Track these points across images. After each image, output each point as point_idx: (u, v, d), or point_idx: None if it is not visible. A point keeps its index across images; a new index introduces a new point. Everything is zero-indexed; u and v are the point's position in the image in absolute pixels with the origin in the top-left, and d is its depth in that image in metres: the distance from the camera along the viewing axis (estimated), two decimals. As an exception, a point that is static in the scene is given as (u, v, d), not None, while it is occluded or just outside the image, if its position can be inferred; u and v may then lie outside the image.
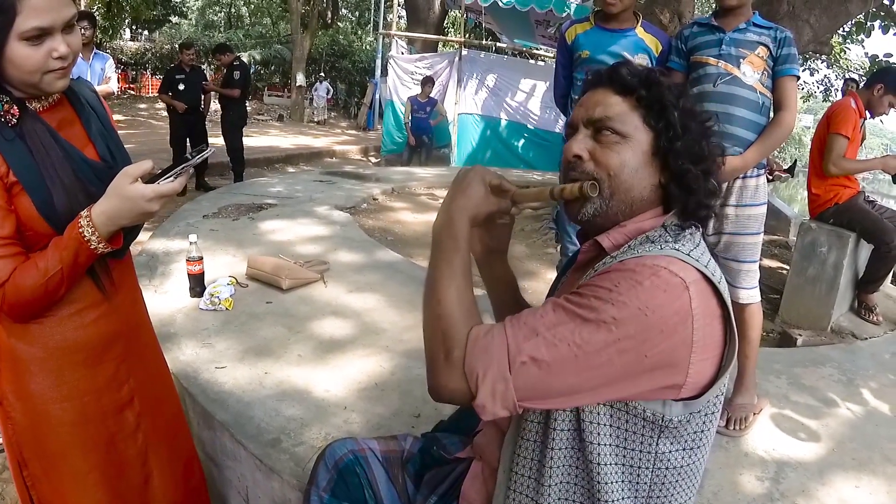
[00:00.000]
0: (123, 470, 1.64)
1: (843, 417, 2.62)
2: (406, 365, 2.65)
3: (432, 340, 1.05)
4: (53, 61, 1.27)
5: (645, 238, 1.09)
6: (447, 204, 1.13)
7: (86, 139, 1.46)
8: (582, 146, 1.15)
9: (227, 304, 3.11)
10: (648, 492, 1.08)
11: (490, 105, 12.32)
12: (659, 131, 1.12)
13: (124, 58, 23.40)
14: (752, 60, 2.38)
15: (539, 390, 0.98)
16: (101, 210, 1.30)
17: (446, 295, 1.05)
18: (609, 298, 0.96)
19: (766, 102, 2.42)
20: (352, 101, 23.78)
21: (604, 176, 1.12)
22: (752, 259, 2.50)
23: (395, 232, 5.53)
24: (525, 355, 0.96)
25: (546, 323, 0.98)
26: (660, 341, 0.95)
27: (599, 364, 0.95)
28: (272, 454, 2.02)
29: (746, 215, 2.47)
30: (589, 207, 1.13)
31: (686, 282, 0.98)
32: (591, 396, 1.00)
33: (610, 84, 1.17)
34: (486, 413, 0.99)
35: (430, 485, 1.41)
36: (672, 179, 1.12)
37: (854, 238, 3.90)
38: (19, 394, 1.48)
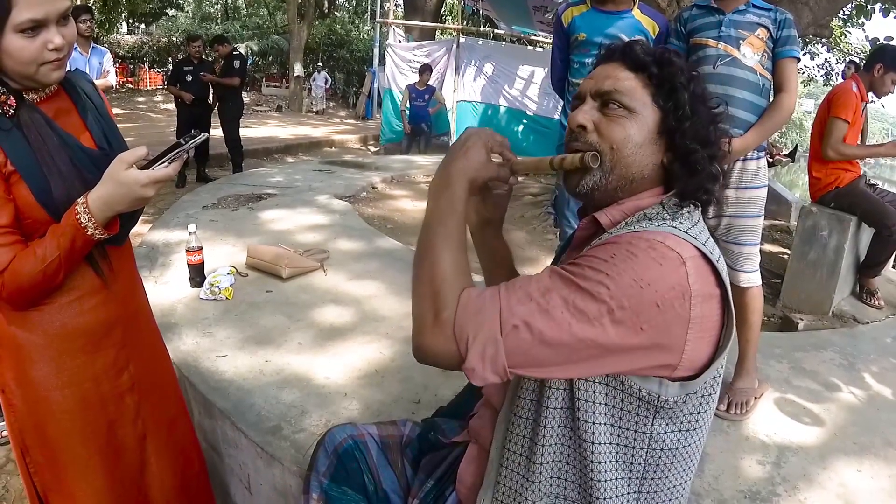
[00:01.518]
0: (123, 456, 1.65)
1: (845, 402, 2.61)
2: (406, 352, 2.64)
3: (421, 300, 1.01)
4: (48, 53, 1.28)
5: (642, 215, 1.08)
6: (446, 164, 1.11)
7: (82, 128, 1.47)
8: (587, 116, 1.13)
9: (227, 293, 3.11)
10: (643, 472, 1.08)
11: (489, 92, 12.29)
12: (667, 111, 1.11)
13: (122, 51, 23.32)
14: (751, 42, 2.36)
15: (531, 356, 0.95)
16: (96, 196, 1.31)
17: (439, 256, 1.02)
18: (603, 269, 0.95)
19: (766, 84, 2.41)
20: (350, 91, 23.73)
21: (606, 148, 1.10)
22: (753, 242, 2.49)
23: (395, 220, 5.53)
24: (518, 319, 0.94)
25: (540, 288, 0.97)
26: (655, 315, 0.94)
27: (593, 334, 0.93)
28: (273, 441, 2.02)
29: (747, 198, 2.45)
30: (588, 180, 1.12)
31: (683, 256, 0.97)
32: (584, 368, 0.98)
33: (622, 59, 1.15)
34: (476, 377, 0.96)
35: (427, 469, 1.41)
36: (676, 159, 1.11)
37: (855, 222, 3.88)
38: (20, 381, 1.50)
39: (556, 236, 5.23)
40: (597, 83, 1.15)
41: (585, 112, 1.14)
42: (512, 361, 0.95)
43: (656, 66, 1.12)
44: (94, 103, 1.52)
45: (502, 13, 14.22)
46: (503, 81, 12.21)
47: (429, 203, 1.09)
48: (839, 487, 2.06)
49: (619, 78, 1.13)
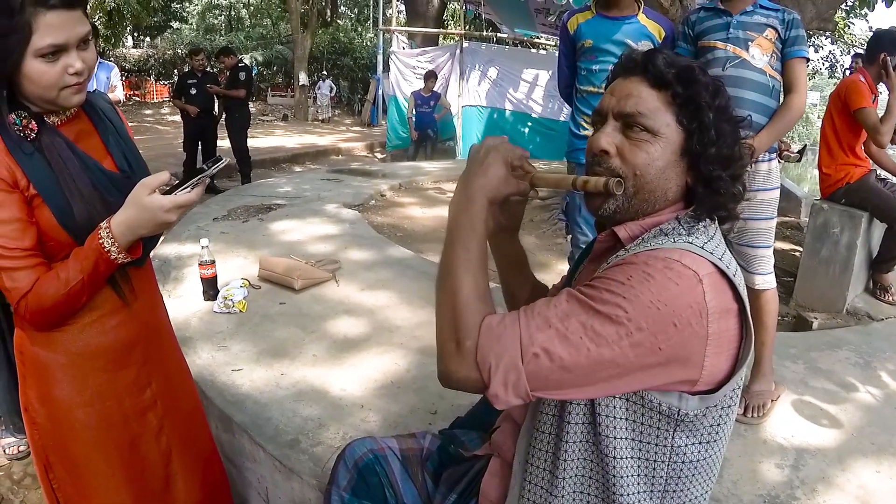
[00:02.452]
0: (146, 472, 1.66)
1: (862, 401, 2.60)
2: (421, 362, 2.66)
3: (444, 328, 1.03)
4: (69, 77, 1.30)
5: (659, 231, 1.07)
6: (466, 182, 1.11)
7: (103, 150, 1.49)
8: (610, 140, 1.11)
9: (240, 306, 3.12)
10: (664, 485, 1.08)
11: (493, 96, 12.32)
12: (691, 132, 1.09)
13: (128, 65, 23.45)
14: (760, 43, 2.35)
15: (552, 381, 0.96)
16: (120, 221, 1.32)
17: (461, 282, 1.03)
18: (621, 292, 0.95)
19: (775, 85, 2.40)
20: (355, 98, 23.76)
21: (629, 174, 1.09)
22: (766, 244, 2.47)
23: (405, 228, 5.54)
24: (537, 346, 0.95)
25: (559, 314, 0.97)
26: (673, 334, 0.94)
27: (612, 357, 0.94)
28: (291, 455, 2.03)
29: (759, 200, 2.43)
30: (611, 204, 1.11)
31: (699, 274, 0.97)
32: (605, 388, 0.99)
33: (644, 74, 1.12)
34: (500, 402, 0.98)
35: (449, 483, 1.41)
36: (700, 182, 1.10)
37: (867, 217, 3.87)
38: (44, 400, 1.51)
39: (567, 241, 5.23)
40: (619, 102, 1.12)
41: (608, 135, 1.12)
42: (533, 385, 0.97)
43: (681, 85, 1.09)
44: (113, 125, 1.53)
45: (504, 16, 14.23)
46: (508, 85, 12.23)
47: (450, 221, 1.10)
48: (858, 489, 2.05)
49: (642, 97, 1.10)
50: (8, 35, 1.21)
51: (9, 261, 1.30)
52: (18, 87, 1.30)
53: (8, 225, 1.30)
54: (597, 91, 2.75)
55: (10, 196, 1.30)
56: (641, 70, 1.12)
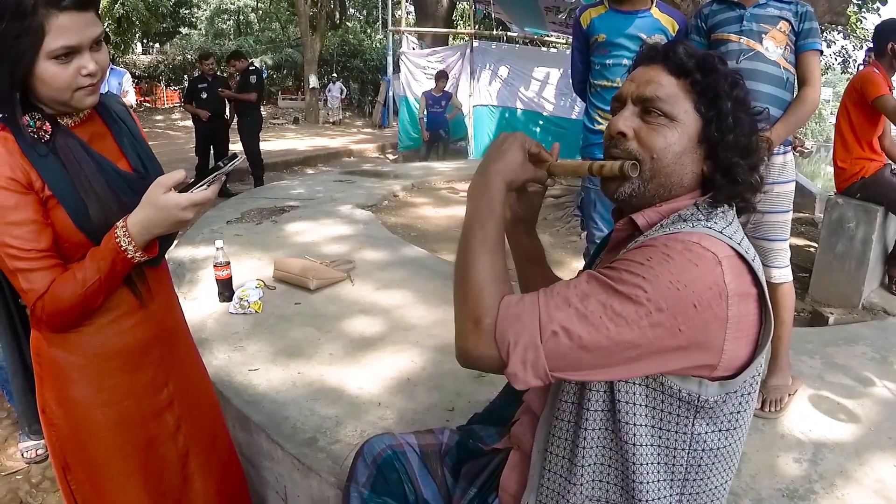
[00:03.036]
0: (164, 472, 1.67)
1: (879, 396, 2.58)
2: (437, 359, 2.67)
3: (462, 306, 1.03)
4: (82, 78, 1.30)
5: (677, 216, 1.08)
6: (484, 166, 1.12)
7: (118, 151, 1.49)
8: (628, 123, 1.12)
9: (256, 307, 3.14)
10: (685, 474, 1.08)
11: (504, 95, 12.30)
12: (709, 120, 1.10)
13: (137, 71, 23.58)
14: (774, 35, 2.34)
15: (571, 361, 0.96)
16: (136, 220, 1.33)
17: (479, 261, 1.03)
18: (640, 272, 0.95)
19: (789, 78, 2.39)
20: (365, 100, 23.81)
21: (646, 157, 1.10)
22: (782, 237, 2.47)
23: (418, 227, 5.55)
24: (556, 325, 0.95)
25: (578, 294, 0.97)
26: (693, 315, 0.94)
27: (631, 337, 0.94)
28: (309, 453, 2.04)
29: (775, 193, 2.42)
30: (627, 187, 1.11)
31: (718, 256, 0.97)
32: (624, 371, 0.99)
33: (664, 62, 1.14)
34: (519, 381, 0.98)
35: (468, 477, 1.41)
36: (718, 170, 1.10)
37: (882, 212, 3.83)
38: (61, 401, 1.52)
39: (581, 238, 5.22)
40: (638, 87, 1.14)
41: (626, 119, 1.13)
42: (552, 365, 0.96)
43: (700, 73, 1.10)
44: (127, 126, 1.54)
45: (514, 15, 14.21)
46: (519, 84, 12.20)
47: (468, 205, 1.10)
48: (876, 483, 2.04)
49: (662, 84, 1.12)
50: (20, 37, 1.22)
51: (25, 262, 1.31)
52: (32, 90, 1.30)
53: (23, 226, 1.30)
54: (611, 85, 2.75)
55: (26, 198, 1.31)
56: (662, 58, 1.15)
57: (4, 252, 1.30)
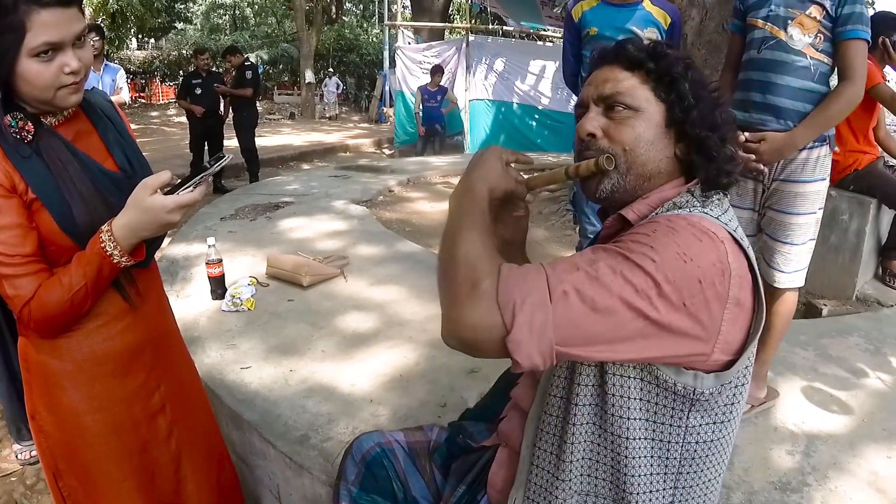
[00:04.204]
0: (157, 476, 1.64)
1: (872, 387, 2.59)
2: (430, 355, 2.66)
3: (454, 276, 0.95)
4: (65, 76, 1.26)
5: (672, 204, 1.08)
6: (466, 176, 1.12)
7: (104, 150, 1.46)
8: (595, 123, 1.14)
9: (248, 304, 3.14)
10: (678, 467, 1.08)
11: (500, 89, 12.29)
12: (671, 103, 1.12)
13: (132, 67, 23.51)
14: (801, 21, 2.11)
15: (581, 328, 0.90)
16: (121, 223, 1.30)
17: (467, 238, 0.98)
18: (648, 242, 0.94)
19: (821, 69, 2.14)
20: (362, 95, 23.77)
21: (619, 151, 1.11)
22: (792, 241, 2.25)
23: (413, 223, 5.54)
24: (567, 284, 0.90)
25: (586, 259, 0.95)
26: (697, 292, 0.93)
27: (641, 307, 0.91)
28: (301, 451, 2.04)
29: (793, 192, 2.22)
30: (607, 183, 1.12)
31: (719, 236, 0.98)
32: (629, 347, 0.94)
33: (616, 60, 1.16)
34: (521, 351, 0.89)
35: (458, 474, 1.41)
36: (691, 148, 1.12)
37: (875, 204, 3.84)
38: (51, 408, 1.49)
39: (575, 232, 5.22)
40: (597, 89, 1.16)
41: (592, 119, 1.14)
42: (560, 336, 0.90)
43: (652, 61, 1.13)
44: (113, 123, 1.50)
45: (510, 9, 14.20)
46: (514, 78, 12.21)
47: (451, 206, 1.09)
48: (870, 475, 2.04)
49: (618, 79, 1.14)
50: (1, 34, 1.18)
51: (10, 268, 1.27)
52: (13, 89, 1.26)
53: (7, 231, 1.27)
54: None
55: (9, 201, 1.27)
56: (613, 57, 1.17)
57: None
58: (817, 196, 2.24)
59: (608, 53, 1.18)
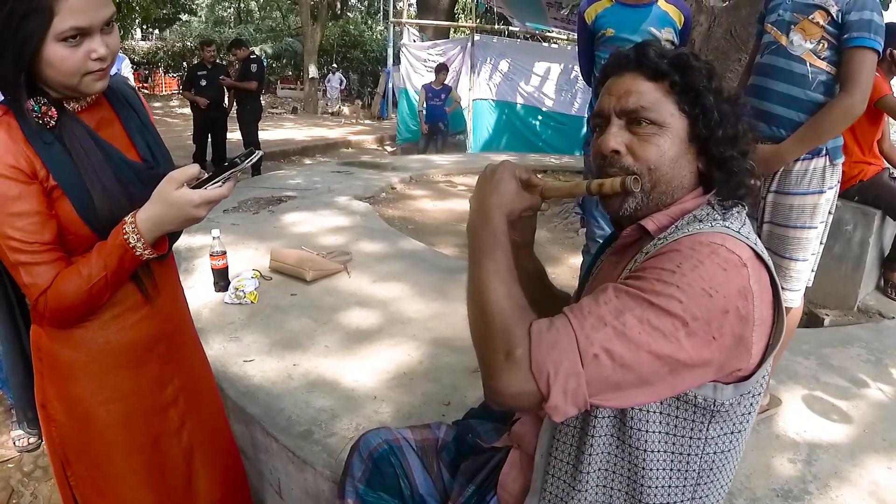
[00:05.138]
0: (167, 469, 1.62)
1: (873, 398, 2.59)
2: (433, 353, 2.66)
3: (487, 341, 0.96)
4: (92, 62, 1.23)
5: (692, 217, 1.07)
6: (480, 201, 1.09)
7: (126, 139, 1.43)
8: (619, 140, 1.10)
9: (251, 297, 3.13)
10: (697, 478, 1.07)
11: (505, 90, 12.28)
12: (695, 118, 1.09)
13: (136, 57, 23.50)
14: (804, 27, 2.06)
15: (612, 383, 0.92)
16: (146, 216, 1.27)
17: (495, 292, 0.98)
18: (673, 281, 0.93)
19: (820, 77, 2.07)
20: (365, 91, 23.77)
21: (644, 170, 1.08)
22: (795, 257, 2.20)
23: (416, 221, 5.54)
24: (597, 347, 0.90)
25: (612, 310, 0.93)
26: (724, 323, 0.93)
27: (670, 350, 0.91)
28: (304, 446, 2.03)
29: (788, 205, 2.18)
30: (630, 202, 1.10)
31: (742, 258, 0.96)
32: (662, 388, 0.95)
33: (638, 68, 1.12)
34: (559, 413, 0.92)
35: (467, 474, 1.40)
36: (713, 165, 1.10)
37: (880, 215, 3.84)
38: (63, 398, 1.47)
39: (579, 234, 5.21)
40: (619, 100, 1.12)
41: (615, 135, 1.11)
42: (592, 390, 0.92)
43: (678, 73, 1.09)
44: (136, 112, 1.47)
45: (516, 10, 14.16)
46: (519, 78, 12.19)
47: (470, 240, 1.08)
48: (871, 485, 2.04)
49: (642, 92, 1.10)
50: (28, 17, 1.15)
51: (28, 255, 1.25)
52: (38, 73, 1.23)
53: (27, 218, 1.24)
54: None
55: (29, 188, 1.24)
56: (635, 64, 1.13)
57: (6, 244, 1.24)
58: (816, 209, 2.17)
59: (629, 60, 1.14)
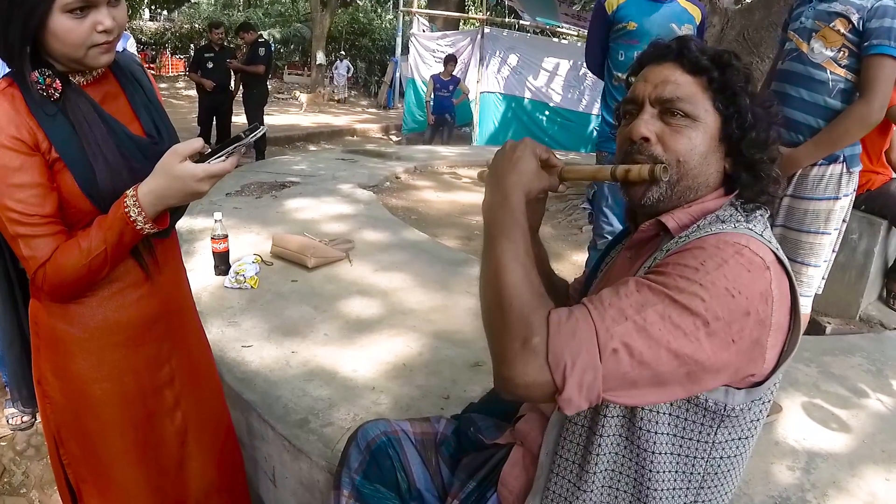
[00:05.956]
0: (161, 449, 1.62)
1: (873, 408, 2.57)
2: (434, 345, 2.65)
3: (502, 328, 0.92)
4: (98, 35, 1.22)
5: (715, 217, 1.05)
6: (498, 180, 1.07)
7: (130, 113, 1.42)
8: (650, 127, 1.09)
9: (252, 282, 3.11)
10: (701, 482, 1.06)
11: (512, 84, 12.25)
12: (728, 117, 1.07)
13: (144, 38, 23.39)
14: (825, 35, 2.06)
15: (627, 379, 0.89)
16: (148, 190, 1.26)
17: (513, 276, 0.95)
18: (696, 278, 0.91)
19: (840, 85, 2.08)
20: (371, 80, 23.69)
21: (672, 161, 1.07)
22: (807, 261, 2.21)
23: (420, 211, 5.52)
24: (617, 341, 0.88)
25: (633, 304, 0.90)
26: (745, 325, 0.91)
27: (690, 350, 0.89)
28: (300, 435, 2.02)
29: (802, 209, 2.19)
30: (654, 192, 1.08)
31: (766, 261, 0.95)
32: (678, 389, 0.93)
33: (678, 60, 1.10)
34: (572, 407, 0.89)
35: (468, 470, 1.39)
36: (741, 167, 1.08)
37: (886, 226, 3.82)
38: (59, 374, 1.46)
39: (582, 231, 5.20)
40: (656, 88, 1.10)
41: (648, 122, 1.09)
42: (607, 386, 0.89)
43: (717, 70, 1.08)
44: (143, 87, 1.46)
45: (526, 4, 14.12)
46: (527, 73, 12.16)
47: (487, 220, 1.05)
48: (868, 496, 2.03)
49: (680, 83, 1.08)
50: None
51: (27, 227, 1.24)
52: (43, 45, 1.22)
53: (27, 190, 1.23)
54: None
55: (31, 159, 1.24)
56: (676, 56, 1.11)
57: (6, 216, 1.23)
58: (830, 215, 2.19)
59: (670, 50, 1.12)
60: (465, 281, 3.31)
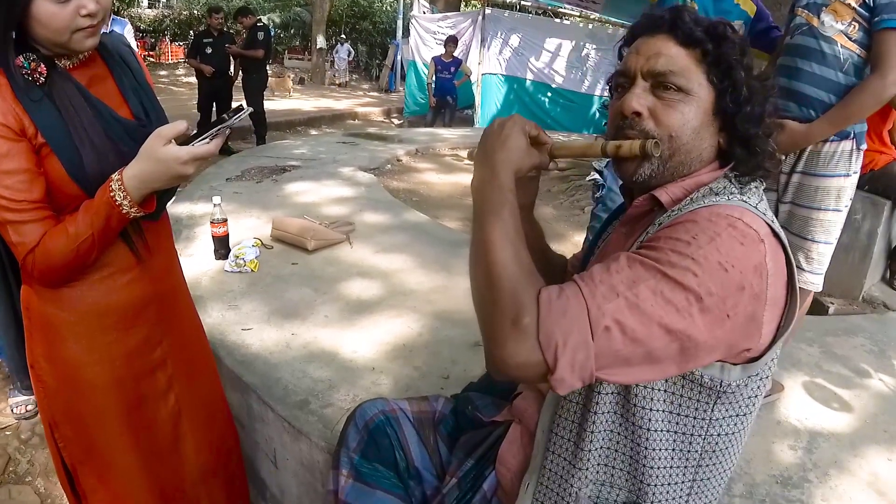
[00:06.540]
0: (155, 431, 1.62)
1: (875, 389, 2.57)
2: (434, 326, 2.64)
3: (493, 307, 0.91)
4: (81, 19, 1.21)
5: (708, 190, 1.03)
6: (487, 157, 1.05)
7: (119, 97, 1.41)
8: (642, 102, 1.06)
9: (252, 265, 3.10)
10: (699, 459, 1.05)
11: (514, 65, 12.15)
12: (722, 91, 1.05)
13: (142, 25, 23.24)
14: (836, 8, 2.04)
15: (620, 357, 0.87)
16: (132, 173, 1.25)
17: (502, 253, 0.93)
18: (688, 252, 0.89)
19: (852, 59, 2.05)
20: (373, 63, 23.58)
21: (664, 136, 1.04)
22: (817, 238, 2.19)
23: (421, 193, 5.51)
24: (609, 318, 0.86)
25: (624, 280, 0.88)
26: (739, 299, 0.89)
27: (683, 326, 0.87)
28: (300, 416, 2.02)
29: (814, 186, 2.16)
30: (646, 168, 1.06)
31: (760, 234, 0.93)
32: (672, 366, 0.92)
33: (671, 31, 1.07)
34: (564, 387, 0.87)
35: (466, 448, 1.38)
36: (735, 142, 1.06)
37: (889, 206, 3.80)
38: (51, 358, 1.47)
39: (584, 211, 5.17)
40: (648, 61, 1.07)
41: (639, 96, 1.07)
42: (600, 364, 0.87)
43: (711, 42, 1.05)
44: (131, 70, 1.45)
45: (528, -15, 14.01)
46: (529, 54, 12.06)
47: (475, 198, 1.03)
48: (870, 476, 2.02)
49: (672, 56, 1.06)
50: None
51: (15, 214, 1.24)
52: (27, 30, 1.22)
53: (14, 176, 1.23)
54: None
55: (17, 145, 1.23)
56: (669, 27, 1.08)
57: None
58: (841, 192, 2.17)
59: (663, 21, 1.09)
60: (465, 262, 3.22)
